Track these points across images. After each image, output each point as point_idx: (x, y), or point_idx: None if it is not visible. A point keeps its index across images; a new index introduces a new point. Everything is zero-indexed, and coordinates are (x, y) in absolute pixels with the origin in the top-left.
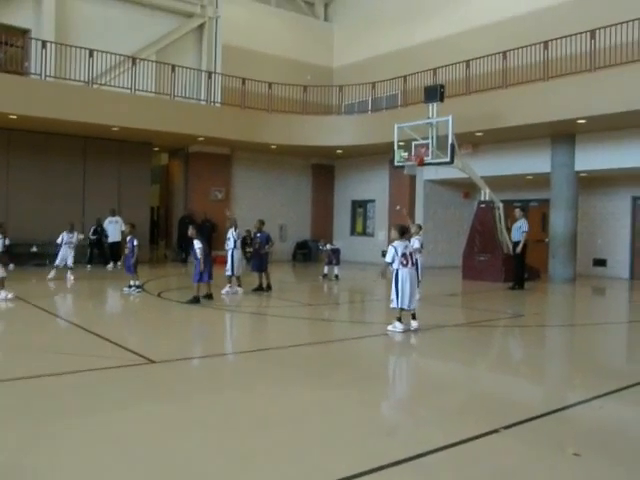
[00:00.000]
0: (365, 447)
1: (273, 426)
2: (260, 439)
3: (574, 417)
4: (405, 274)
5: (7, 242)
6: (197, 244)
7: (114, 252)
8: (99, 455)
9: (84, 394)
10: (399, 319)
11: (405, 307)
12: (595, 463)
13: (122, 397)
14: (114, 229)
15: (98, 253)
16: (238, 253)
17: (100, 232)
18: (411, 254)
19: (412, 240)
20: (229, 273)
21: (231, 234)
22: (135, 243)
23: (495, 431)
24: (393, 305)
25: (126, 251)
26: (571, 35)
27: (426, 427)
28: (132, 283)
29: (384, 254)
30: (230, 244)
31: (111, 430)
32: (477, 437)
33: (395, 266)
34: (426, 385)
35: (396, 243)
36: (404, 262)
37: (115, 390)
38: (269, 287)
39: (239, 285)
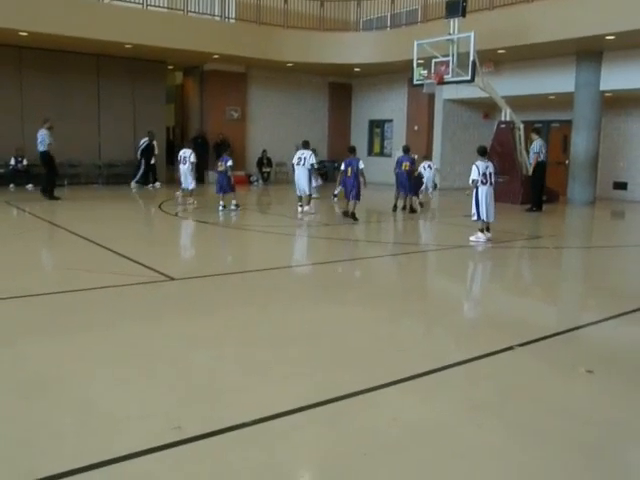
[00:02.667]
0: (381, 362)
1: (291, 341)
2: (278, 353)
3: (588, 336)
4: (484, 191)
5: (25, 162)
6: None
7: (148, 172)
8: (122, 367)
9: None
10: (482, 230)
11: (485, 219)
12: (607, 379)
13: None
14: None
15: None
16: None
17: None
18: (491, 174)
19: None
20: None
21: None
22: (229, 163)
23: (510, 348)
24: (474, 218)
25: (221, 169)
26: None
27: (441, 344)
28: (233, 202)
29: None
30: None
31: (132, 344)
32: (491, 354)
33: (477, 183)
34: (441, 303)
35: (479, 162)
36: (484, 180)
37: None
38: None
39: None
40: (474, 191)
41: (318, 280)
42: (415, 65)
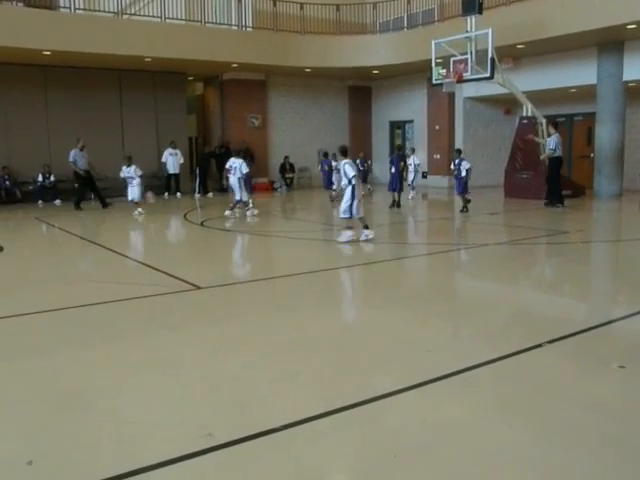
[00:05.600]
0: (411, 363)
1: (319, 345)
2: (305, 358)
3: (619, 331)
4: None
5: (52, 179)
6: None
7: (171, 183)
8: (152, 376)
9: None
10: (350, 228)
11: (356, 215)
12: None
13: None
14: (173, 161)
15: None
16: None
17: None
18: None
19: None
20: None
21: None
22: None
23: (539, 346)
24: (347, 216)
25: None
26: None
27: (470, 343)
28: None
29: (425, 175)
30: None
31: (160, 353)
32: (521, 352)
33: (354, 181)
34: (470, 303)
35: (349, 161)
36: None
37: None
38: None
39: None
40: (349, 189)
41: (345, 283)
42: (434, 65)
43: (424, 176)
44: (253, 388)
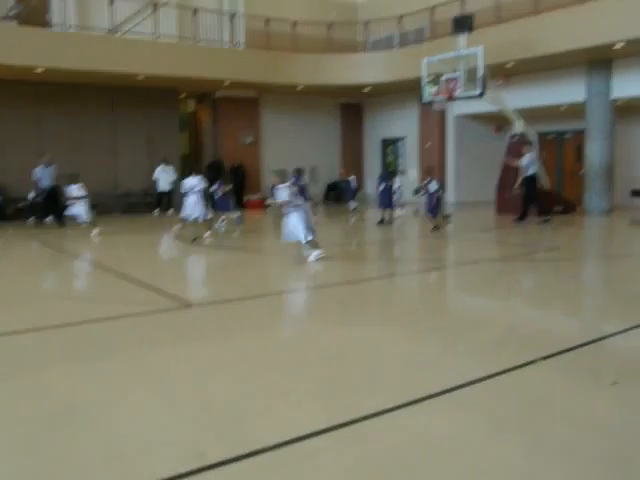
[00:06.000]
0: (402, 381)
1: (311, 363)
2: (299, 375)
3: (612, 347)
4: (303, 210)
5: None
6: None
7: (162, 201)
8: (144, 394)
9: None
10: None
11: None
12: (634, 390)
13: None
14: (165, 178)
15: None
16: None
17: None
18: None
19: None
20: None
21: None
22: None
23: (532, 362)
24: (309, 239)
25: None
26: None
27: (463, 360)
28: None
29: (417, 191)
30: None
31: (155, 369)
32: (514, 368)
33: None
34: (462, 319)
35: (287, 185)
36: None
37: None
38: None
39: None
40: (294, 214)
41: (335, 301)
42: (425, 83)
43: (416, 193)
44: (246, 406)
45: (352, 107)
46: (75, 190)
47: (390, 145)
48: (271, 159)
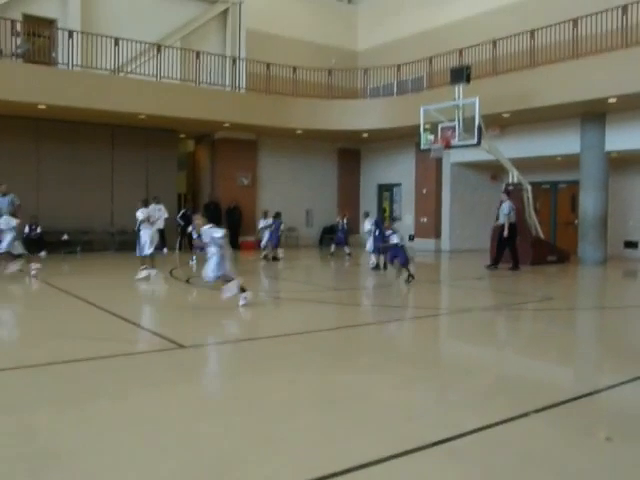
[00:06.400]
0: (394, 430)
1: (303, 409)
2: (288, 423)
3: (606, 401)
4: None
5: (39, 230)
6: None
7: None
8: (130, 438)
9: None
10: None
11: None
12: (628, 448)
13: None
14: (157, 217)
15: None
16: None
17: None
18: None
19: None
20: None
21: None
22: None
23: (525, 415)
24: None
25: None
26: (601, 12)
27: (455, 410)
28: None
29: (411, 238)
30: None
31: (142, 413)
32: (507, 420)
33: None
34: (455, 368)
35: (212, 225)
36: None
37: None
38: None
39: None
40: (217, 256)
41: (328, 347)
42: (422, 130)
43: (411, 239)
44: (234, 453)
45: (350, 152)
46: (2, 222)
47: (386, 191)
48: (267, 201)
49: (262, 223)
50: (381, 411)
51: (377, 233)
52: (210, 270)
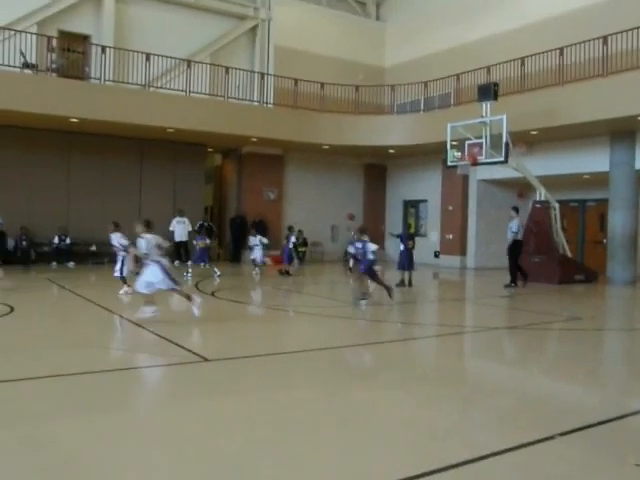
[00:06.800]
0: (416, 450)
1: (323, 426)
2: (309, 440)
3: (635, 426)
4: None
5: (68, 241)
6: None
7: (180, 251)
8: (151, 451)
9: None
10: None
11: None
12: None
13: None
14: (181, 229)
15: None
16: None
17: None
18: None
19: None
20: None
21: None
22: (207, 241)
23: (551, 437)
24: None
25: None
26: (632, 29)
27: (479, 431)
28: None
29: (437, 255)
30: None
31: (162, 425)
32: (532, 443)
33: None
34: (480, 388)
35: (148, 236)
36: (159, 253)
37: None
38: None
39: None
40: (150, 267)
41: (350, 363)
42: (449, 147)
43: (436, 255)
44: (255, 470)
45: (376, 168)
46: None
47: (412, 207)
48: (293, 216)
49: (252, 241)
50: (402, 430)
51: (402, 248)
52: (144, 281)
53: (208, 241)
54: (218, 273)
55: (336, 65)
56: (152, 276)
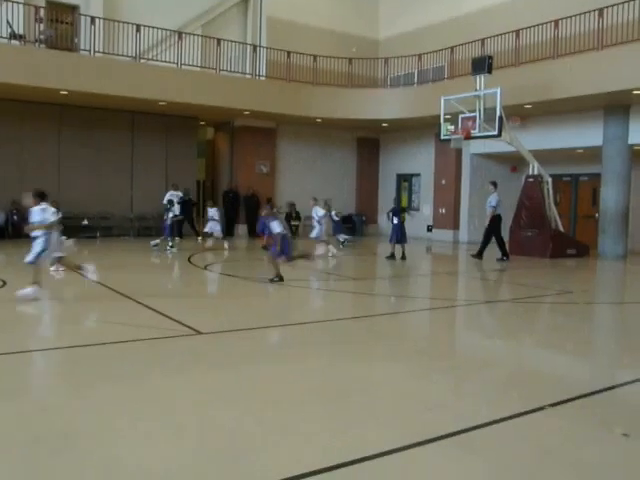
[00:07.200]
0: (408, 421)
1: (316, 398)
2: (303, 411)
3: (623, 397)
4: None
5: (60, 215)
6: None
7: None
8: (146, 422)
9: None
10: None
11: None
12: None
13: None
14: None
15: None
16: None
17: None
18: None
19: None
20: None
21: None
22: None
23: (541, 408)
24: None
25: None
26: (627, 1)
27: (470, 402)
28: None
29: (430, 229)
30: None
31: (159, 397)
32: (522, 414)
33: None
34: (471, 360)
35: (44, 207)
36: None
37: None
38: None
39: None
40: (39, 239)
41: (345, 335)
42: (442, 120)
43: (429, 229)
44: (249, 440)
45: (369, 141)
46: None
47: (405, 181)
48: (286, 189)
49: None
50: (397, 401)
51: (395, 222)
52: (32, 253)
53: (178, 215)
54: (172, 249)
55: (329, 37)
56: (37, 248)
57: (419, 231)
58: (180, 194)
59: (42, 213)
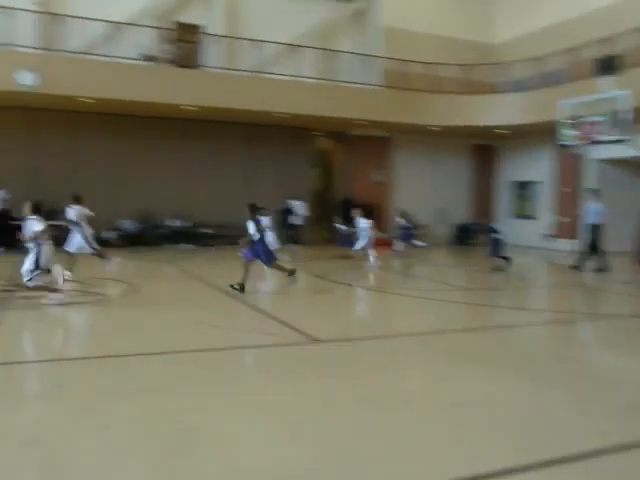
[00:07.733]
0: (531, 439)
1: (434, 411)
2: (419, 423)
3: None
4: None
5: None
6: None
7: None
8: (265, 427)
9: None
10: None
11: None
12: None
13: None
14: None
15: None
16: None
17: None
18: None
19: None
20: None
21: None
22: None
23: None
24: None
25: None
26: None
27: (598, 423)
28: None
29: (551, 238)
30: None
31: (277, 404)
32: None
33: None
34: (596, 378)
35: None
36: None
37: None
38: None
39: None
40: (37, 249)
41: (460, 348)
42: (563, 126)
43: (550, 239)
44: (366, 449)
45: (484, 148)
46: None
47: (523, 189)
48: (401, 198)
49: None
50: (516, 418)
51: (496, 236)
52: (26, 266)
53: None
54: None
55: (444, 44)
56: (30, 261)
57: (535, 240)
58: (301, 203)
59: (36, 224)
